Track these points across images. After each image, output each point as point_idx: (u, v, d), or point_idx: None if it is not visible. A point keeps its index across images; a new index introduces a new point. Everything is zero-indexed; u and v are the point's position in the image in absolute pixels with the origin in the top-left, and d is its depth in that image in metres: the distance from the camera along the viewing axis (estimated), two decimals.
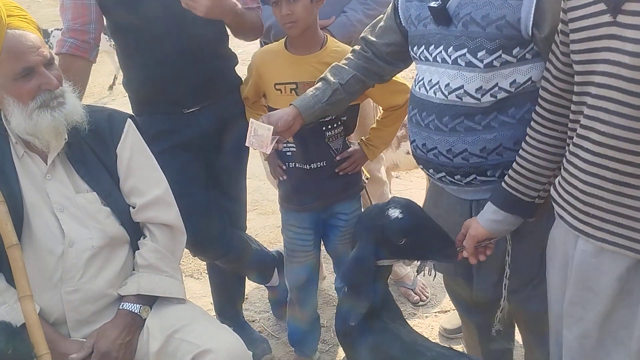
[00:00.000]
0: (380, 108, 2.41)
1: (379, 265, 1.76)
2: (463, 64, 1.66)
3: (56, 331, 1.77)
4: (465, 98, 1.67)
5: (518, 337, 2.22)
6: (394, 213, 1.72)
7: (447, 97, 1.70)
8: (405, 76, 2.24)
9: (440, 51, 1.71)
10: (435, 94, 1.73)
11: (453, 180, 1.79)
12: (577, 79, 1.40)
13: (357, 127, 2.54)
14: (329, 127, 2.18)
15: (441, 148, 1.75)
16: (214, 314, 2.85)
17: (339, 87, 1.96)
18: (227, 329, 1.91)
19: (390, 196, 3.10)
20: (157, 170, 1.99)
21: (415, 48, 1.82)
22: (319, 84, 1.98)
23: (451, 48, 1.68)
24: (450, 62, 1.69)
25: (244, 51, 2.98)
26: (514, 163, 1.64)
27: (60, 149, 1.81)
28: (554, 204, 1.54)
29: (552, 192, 1.54)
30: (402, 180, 4.48)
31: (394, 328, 1.74)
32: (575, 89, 1.42)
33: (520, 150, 1.63)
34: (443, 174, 1.79)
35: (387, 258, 1.78)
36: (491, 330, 2.07)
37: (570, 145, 1.45)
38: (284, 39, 2.22)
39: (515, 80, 1.64)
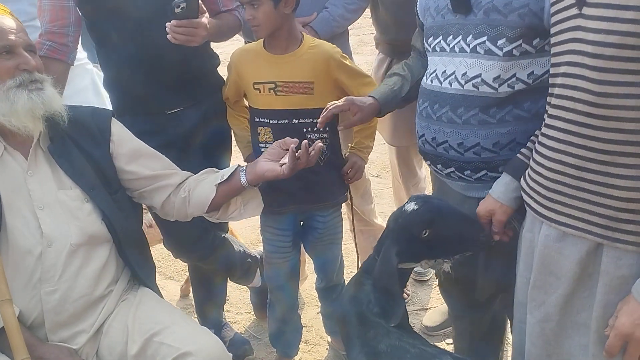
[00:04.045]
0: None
1: (399, 268, 1.75)
2: (482, 52, 1.65)
3: (34, 335, 1.76)
4: (482, 87, 1.66)
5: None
6: (410, 206, 1.72)
7: (463, 87, 1.69)
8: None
9: (459, 41, 1.70)
10: (450, 84, 1.72)
11: (462, 176, 1.77)
12: (550, 70, 1.46)
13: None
14: (309, 129, 2.19)
15: (452, 142, 1.73)
16: (195, 315, 2.85)
17: (414, 84, 1.97)
18: (207, 331, 1.91)
19: (372, 194, 3.15)
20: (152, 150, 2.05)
21: (430, 39, 1.81)
22: (395, 79, 1.99)
23: (470, 37, 1.67)
24: (468, 51, 1.68)
25: (223, 51, 2.97)
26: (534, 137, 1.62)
27: (42, 143, 1.81)
28: (522, 194, 1.58)
29: (522, 182, 1.58)
30: (382, 179, 4.50)
31: (385, 324, 1.75)
32: (550, 80, 1.47)
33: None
34: (452, 169, 1.78)
35: (414, 259, 1.78)
36: (484, 327, 2.10)
37: (539, 136, 1.50)
38: (262, 38, 2.22)
39: (533, 71, 1.64)
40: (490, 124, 1.68)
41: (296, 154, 1.82)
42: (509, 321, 2.13)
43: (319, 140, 1.85)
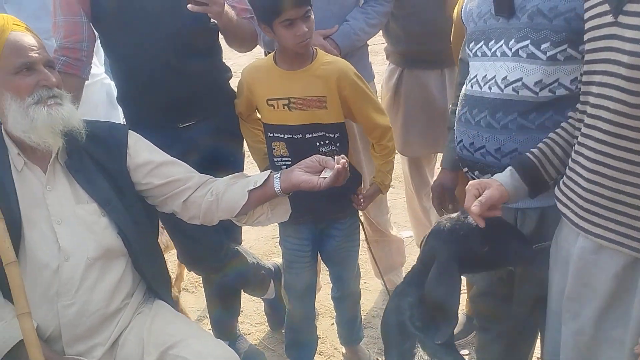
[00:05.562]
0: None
1: None
2: (524, 55, 1.63)
3: (50, 349, 1.77)
4: (522, 91, 1.64)
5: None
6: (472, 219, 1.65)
7: (502, 91, 1.67)
8: None
9: (501, 45, 1.68)
10: (490, 89, 1.70)
11: None
12: (583, 78, 1.44)
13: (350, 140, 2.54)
14: (322, 142, 2.19)
15: (490, 147, 1.72)
16: (209, 327, 2.85)
17: None
18: (222, 343, 1.92)
19: (387, 204, 3.14)
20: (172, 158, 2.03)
21: (472, 44, 1.80)
22: (452, 134, 1.98)
23: (513, 40, 1.65)
24: (510, 55, 1.66)
25: (235, 63, 2.99)
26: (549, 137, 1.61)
27: (60, 158, 1.82)
28: (557, 203, 1.55)
29: (557, 191, 1.55)
30: (395, 189, 4.49)
31: (424, 338, 1.70)
32: (582, 88, 1.44)
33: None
34: (489, 175, 1.73)
35: (466, 272, 1.75)
36: (511, 339, 2.06)
37: (576, 145, 1.47)
38: (272, 54, 2.22)
39: (577, 78, 1.60)
40: (530, 129, 1.66)
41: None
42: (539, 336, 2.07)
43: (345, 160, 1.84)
